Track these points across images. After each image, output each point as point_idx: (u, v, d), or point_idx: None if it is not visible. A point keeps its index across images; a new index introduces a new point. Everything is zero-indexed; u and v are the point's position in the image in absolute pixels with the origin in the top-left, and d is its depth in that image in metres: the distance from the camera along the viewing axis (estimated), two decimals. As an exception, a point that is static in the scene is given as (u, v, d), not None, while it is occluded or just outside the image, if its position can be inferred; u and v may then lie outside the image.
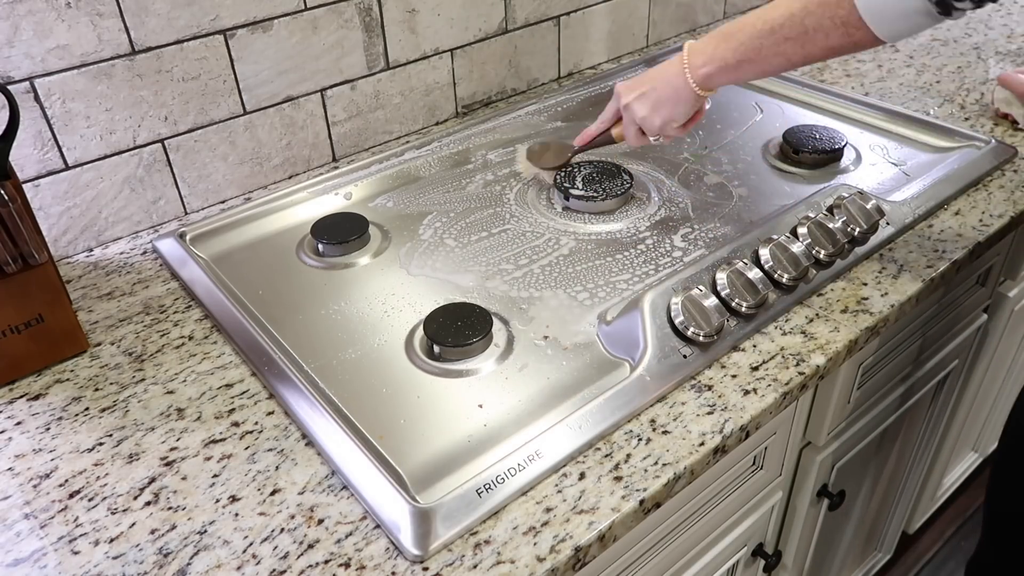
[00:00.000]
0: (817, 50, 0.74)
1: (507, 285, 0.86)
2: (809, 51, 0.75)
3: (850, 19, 0.70)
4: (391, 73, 1.10)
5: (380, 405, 0.72)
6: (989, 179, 0.99)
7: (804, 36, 0.74)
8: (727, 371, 0.73)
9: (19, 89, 0.82)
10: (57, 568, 0.58)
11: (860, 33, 0.70)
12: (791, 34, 0.74)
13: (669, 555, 0.78)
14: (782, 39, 0.75)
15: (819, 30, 0.72)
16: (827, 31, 0.72)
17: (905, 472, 1.26)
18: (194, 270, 0.87)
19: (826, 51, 0.74)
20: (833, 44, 0.73)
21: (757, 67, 0.79)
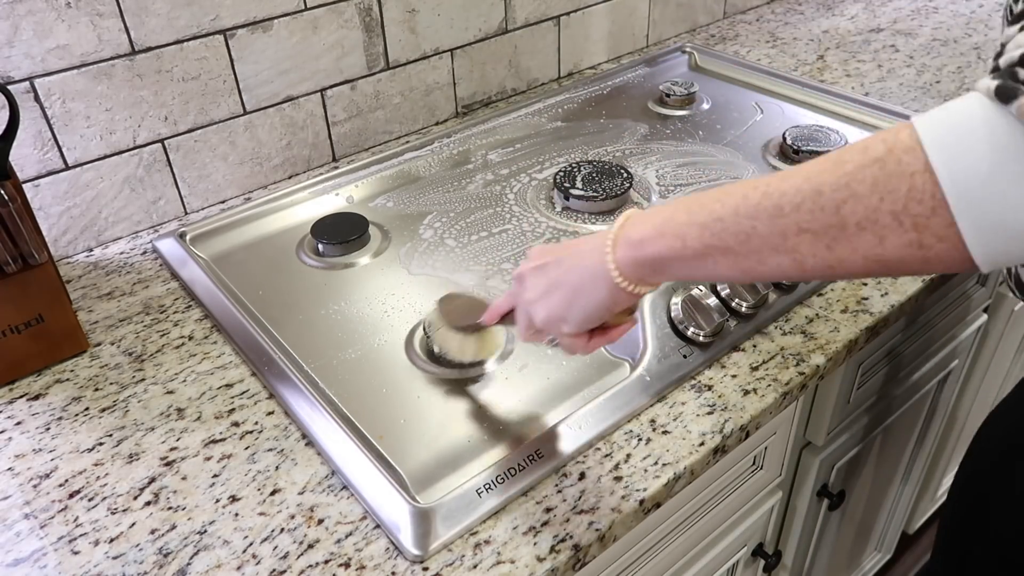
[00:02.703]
0: (856, 259, 0.43)
1: (507, 285, 0.86)
2: (842, 258, 0.44)
3: (932, 222, 0.40)
4: (391, 73, 1.10)
5: (380, 405, 0.72)
6: (989, 179, 0.99)
7: (839, 232, 0.43)
8: (727, 371, 0.73)
9: (19, 89, 0.82)
10: (57, 568, 0.58)
11: (943, 247, 0.40)
12: (814, 224, 0.44)
13: (669, 555, 0.78)
14: (795, 229, 0.44)
15: (870, 228, 0.42)
16: (884, 232, 0.42)
17: (905, 472, 1.26)
18: (194, 270, 0.87)
19: (873, 264, 0.43)
20: (889, 255, 0.42)
21: (738, 265, 0.48)
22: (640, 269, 0.52)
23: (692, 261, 0.50)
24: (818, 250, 0.44)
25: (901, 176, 0.40)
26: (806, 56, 1.35)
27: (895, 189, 0.41)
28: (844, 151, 0.44)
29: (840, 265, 0.44)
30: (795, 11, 1.55)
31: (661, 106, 1.22)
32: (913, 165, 0.40)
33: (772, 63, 1.33)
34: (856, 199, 0.42)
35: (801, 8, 1.57)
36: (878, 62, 1.32)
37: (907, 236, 0.41)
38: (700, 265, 0.49)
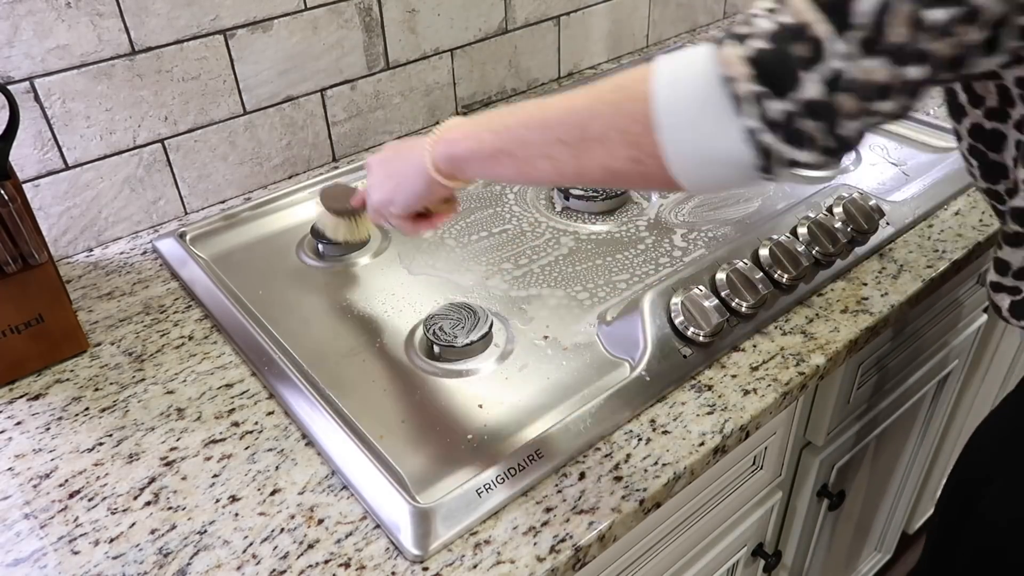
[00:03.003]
0: (594, 168, 0.53)
1: (507, 285, 0.86)
2: (584, 165, 0.53)
3: (643, 141, 0.49)
4: (391, 73, 1.10)
5: (380, 405, 0.72)
6: (989, 179, 1.00)
7: (582, 144, 0.52)
8: (727, 371, 0.73)
9: (19, 89, 0.82)
10: (57, 568, 0.58)
11: (653, 164, 0.49)
12: (567, 136, 0.53)
13: (669, 555, 0.78)
14: (555, 139, 0.54)
15: (603, 142, 0.51)
16: (612, 147, 0.51)
17: (905, 472, 1.26)
18: (194, 270, 0.87)
19: (606, 173, 0.53)
20: (617, 167, 0.51)
21: (517, 167, 0.58)
22: (449, 164, 0.63)
23: (486, 160, 0.60)
24: (569, 158, 0.54)
25: (629, 101, 0.49)
26: (806, 56, 1.35)
27: (623, 111, 0.50)
28: (604, 80, 0.53)
29: (585, 171, 0.54)
30: (795, 11, 1.55)
31: (661, 106, 1.22)
32: (640, 93, 0.48)
33: (772, 63, 1.32)
34: (597, 117, 0.52)
35: (801, 8, 1.56)
36: (878, 62, 1.31)
37: (629, 151, 0.50)
38: (491, 164, 0.60)
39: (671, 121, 0.47)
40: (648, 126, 0.48)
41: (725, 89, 0.45)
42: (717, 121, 0.45)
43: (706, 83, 0.45)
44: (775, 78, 0.43)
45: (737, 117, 0.45)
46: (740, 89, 0.44)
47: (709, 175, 0.49)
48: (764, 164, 0.46)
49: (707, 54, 0.46)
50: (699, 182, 0.50)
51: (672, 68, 0.48)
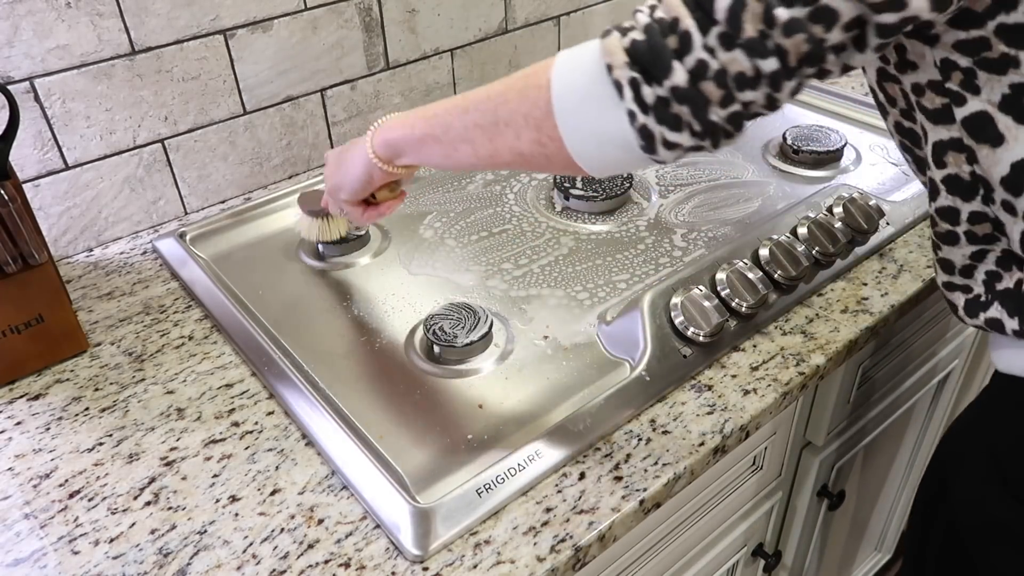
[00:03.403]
0: (505, 150, 0.58)
1: (507, 285, 0.86)
2: (497, 148, 0.58)
3: (544, 124, 0.54)
4: (391, 73, 1.10)
5: (380, 405, 0.72)
6: (989, 179, 0.99)
7: (494, 128, 0.57)
8: (727, 371, 0.73)
9: (19, 89, 0.82)
10: (57, 568, 0.58)
11: (553, 146, 0.54)
12: (482, 120, 0.58)
13: (669, 555, 0.78)
14: (472, 124, 0.59)
15: (511, 125, 0.56)
16: (518, 130, 0.56)
17: (905, 472, 1.26)
18: (194, 270, 0.87)
19: (516, 156, 0.57)
20: (524, 149, 0.56)
21: (443, 151, 0.63)
22: (386, 149, 0.68)
23: (416, 144, 0.65)
24: (485, 141, 0.59)
25: (533, 88, 0.54)
26: (806, 56, 1.35)
27: (527, 97, 0.55)
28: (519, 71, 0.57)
29: (498, 154, 0.59)
30: (795, 11, 1.55)
31: (661, 106, 1.22)
32: (542, 80, 0.53)
33: (772, 63, 1.32)
34: (506, 103, 0.57)
35: (801, 8, 1.56)
36: (878, 62, 1.32)
37: (533, 134, 0.55)
38: (421, 148, 0.65)
39: (565, 105, 0.52)
40: (548, 110, 0.53)
41: (608, 76, 0.50)
42: (603, 105, 0.50)
43: (593, 70, 0.51)
44: (649, 66, 0.48)
45: (620, 101, 0.49)
46: (618, 75, 0.49)
47: (604, 155, 0.53)
48: (647, 145, 0.50)
49: (595, 44, 0.51)
50: (598, 162, 0.54)
51: (568, 57, 0.53)
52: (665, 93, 0.48)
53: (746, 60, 0.46)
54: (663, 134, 0.50)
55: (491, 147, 0.59)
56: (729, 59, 0.46)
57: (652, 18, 0.49)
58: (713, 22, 0.46)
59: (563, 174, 0.61)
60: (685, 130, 0.49)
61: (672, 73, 0.48)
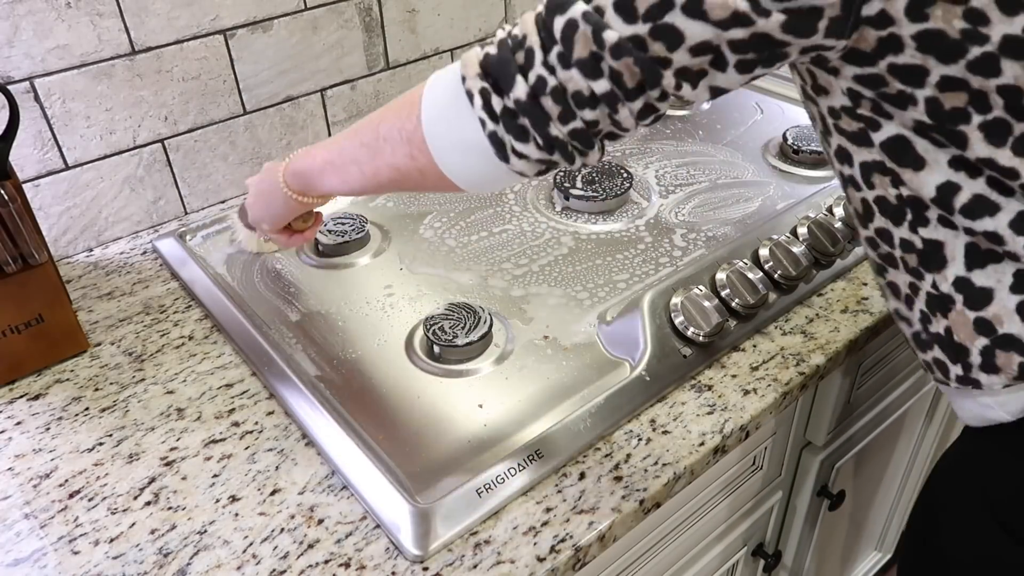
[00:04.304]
0: (384, 167, 0.59)
1: (507, 284, 0.86)
2: (378, 166, 0.59)
3: (415, 137, 0.55)
4: (391, 73, 1.10)
5: (380, 405, 0.72)
6: (989, 179, 0.99)
7: (375, 144, 0.59)
8: (727, 371, 0.73)
9: (19, 89, 0.82)
10: (57, 568, 0.58)
11: (424, 159, 0.55)
12: (366, 139, 0.60)
13: (669, 555, 0.78)
14: (359, 144, 0.61)
15: (388, 141, 0.58)
16: (394, 145, 0.57)
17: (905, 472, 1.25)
18: (194, 270, 0.87)
19: (394, 172, 0.58)
20: (399, 163, 0.57)
21: (338, 175, 0.64)
22: (295, 180, 0.69)
23: (318, 173, 0.66)
24: (368, 159, 0.60)
25: (407, 104, 0.56)
26: (806, 56, 1.35)
27: (403, 112, 0.56)
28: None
29: (379, 173, 0.60)
30: (795, 11, 1.55)
31: (661, 106, 1.22)
32: (416, 95, 0.55)
33: (772, 63, 1.32)
34: (385, 120, 0.58)
35: (801, 8, 1.56)
36: (878, 62, 1.31)
37: (405, 148, 0.56)
38: (322, 176, 0.66)
39: (430, 115, 0.54)
40: (417, 123, 0.55)
41: (462, 85, 0.52)
42: (460, 113, 0.53)
43: (453, 81, 0.53)
44: (496, 78, 0.51)
45: (472, 109, 0.52)
46: (470, 85, 0.52)
47: (468, 164, 0.54)
48: (499, 152, 0.53)
49: (462, 60, 0.54)
50: (463, 172, 0.55)
51: (439, 73, 0.55)
52: (511, 105, 0.51)
53: (581, 80, 0.48)
54: (512, 144, 0.52)
55: (373, 165, 0.60)
56: (567, 77, 0.49)
57: (508, 34, 0.52)
58: (553, 41, 0.49)
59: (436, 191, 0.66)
60: (531, 142, 0.51)
61: (515, 87, 0.50)
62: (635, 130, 0.53)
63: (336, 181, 0.65)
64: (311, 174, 0.67)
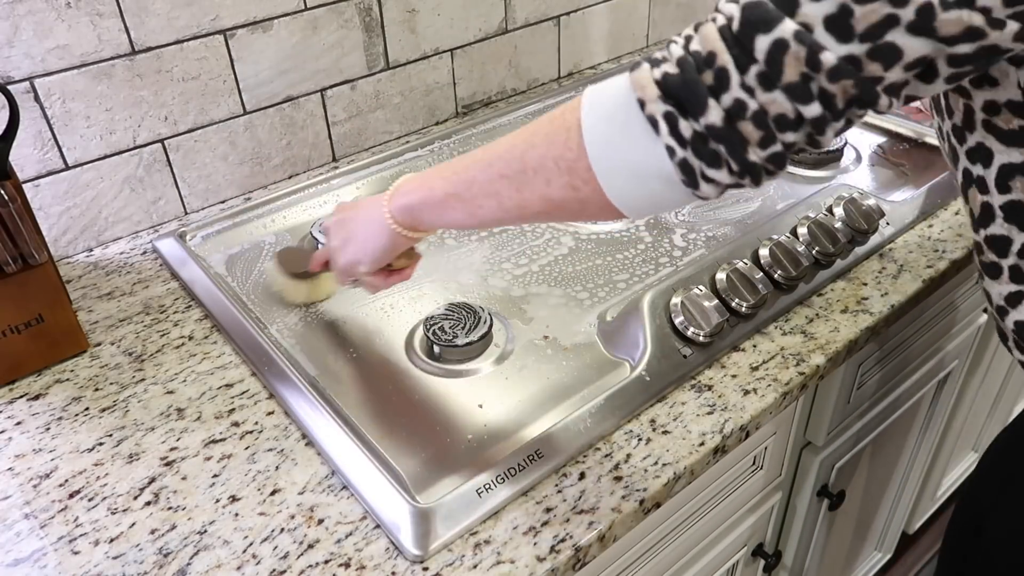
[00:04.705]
0: (535, 199, 0.54)
1: (507, 285, 0.86)
2: (526, 198, 0.54)
3: (577, 166, 0.50)
4: (391, 73, 1.10)
5: (380, 405, 0.72)
6: (989, 179, 0.99)
7: (522, 176, 0.54)
8: (727, 371, 0.73)
9: (19, 89, 0.82)
10: (57, 568, 0.58)
11: (588, 189, 0.51)
12: (508, 171, 0.55)
13: (669, 555, 0.78)
14: (497, 175, 0.56)
15: (540, 172, 0.53)
16: (549, 175, 0.52)
17: (905, 472, 1.26)
18: (194, 270, 0.87)
19: (547, 204, 0.54)
20: (555, 195, 0.53)
21: (466, 208, 0.59)
22: (406, 215, 0.64)
23: (437, 206, 0.61)
24: (511, 192, 0.55)
25: (561, 130, 0.51)
26: (806, 56, 1.35)
27: (557, 140, 0.51)
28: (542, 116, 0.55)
29: (527, 204, 0.55)
30: (795, 11, 1.55)
31: (661, 106, 1.22)
32: (571, 120, 0.50)
33: (772, 63, 1.32)
34: (533, 148, 0.53)
35: (801, 8, 1.56)
36: (878, 62, 1.31)
37: (564, 178, 0.51)
38: (443, 209, 0.61)
39: (596, 141, 0.49)
40: (580, 152, 0.50)
41: (641, 111, 0.47)
42: (639, 141, 0.47)
43: (624, 105, 0.48)
44: (682, 100, 0.46)
45: (657, 136, 0.47)
46: (652, 110, 0.47)
47: (644, 194, 0.50)
48: (688, 179, 0.48)
49: (623, 79, 0.49)
50: (636, 202, 0.50)
51: (597, 95, 0.50)
52: (702, 130, 0.46)
53: (787, 103, 0.44)
54: (702, 169, 0.47)
55: (519, 198, 0.55)
56: (768, 100, 0.44)
57: (687, 51, 0.46)
58: (752, 60, 0.44)
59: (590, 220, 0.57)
60: (724, 167, 0.47)
61: (708, 111, 0.45)
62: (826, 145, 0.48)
63: (461, 215, 0.60)
64: (428, 208, 0.62)
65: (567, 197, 0.52)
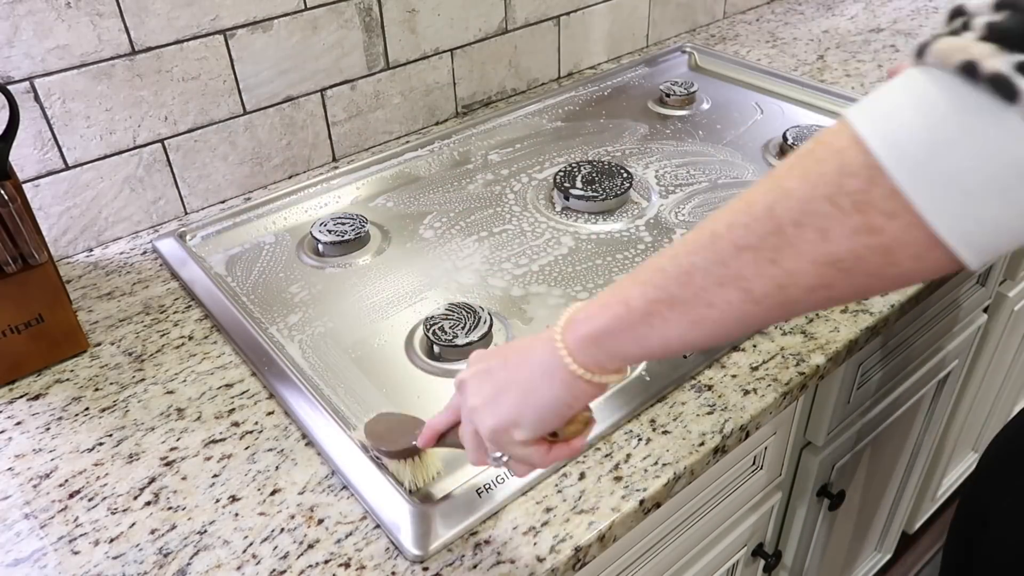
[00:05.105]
0: (805, 266, 0.37)
1: (507, 284, 0.86)
2: (790, 270, 0.37)
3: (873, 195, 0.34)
4: (391, 73, 1.10)
5: (380, 405, 0.72)
6: (989, 179, 0.99)
7: (776, 239, 0.37)
8: (727, 371, 0.73)
9: (19, 89, 0.82)
10: (57, 568, 0.58)
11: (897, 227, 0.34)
12: (750, 239, 0.38)
13: (669, 555, 0.78)
14: (731, 251, 0.39)
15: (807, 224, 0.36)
16: (824, 224, 0.36)
17: (905, 472, 1.25)
18: (194, 270, 0.87)
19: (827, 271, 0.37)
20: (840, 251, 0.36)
21: (688, 315, 0.41)
22: (592, 349, 0.46)
23: (639, 326, 0.43)
24: (763, 268, 0.38)
25: (830, 157, 0.36)
26: (806, 56, 1.35)
27: (825, 172, 0.36)
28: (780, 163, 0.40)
29: (792, 281, 0.38)
30: (795, 11, 1.55)
31: (661, 106, 1.22)
32: (841, 142, 0.35)
33: (772, 63, 1.33)
34: (787, 196, 0.37)
35: (801, 8, 1.57)
36: (878, 62, 1.32)
37: (851, 220, 0.35)
38: (649, 328, 0.43)
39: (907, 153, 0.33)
40: (873, 172, 0.34)
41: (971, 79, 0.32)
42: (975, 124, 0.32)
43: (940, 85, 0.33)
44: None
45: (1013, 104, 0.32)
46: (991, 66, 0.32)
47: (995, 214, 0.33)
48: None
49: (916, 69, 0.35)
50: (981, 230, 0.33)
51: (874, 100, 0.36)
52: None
53: None
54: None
55: (778, 273, 0.38)
56: None
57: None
58: None
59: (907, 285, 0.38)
60: None
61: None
62: None
63: (681, 328, 0.42)
64: (624, 332, 0.44)
65: (859, 248, 0.35)
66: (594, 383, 0.47)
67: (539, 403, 0.48)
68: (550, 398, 0.48)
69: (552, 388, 0.47)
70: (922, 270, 0.35)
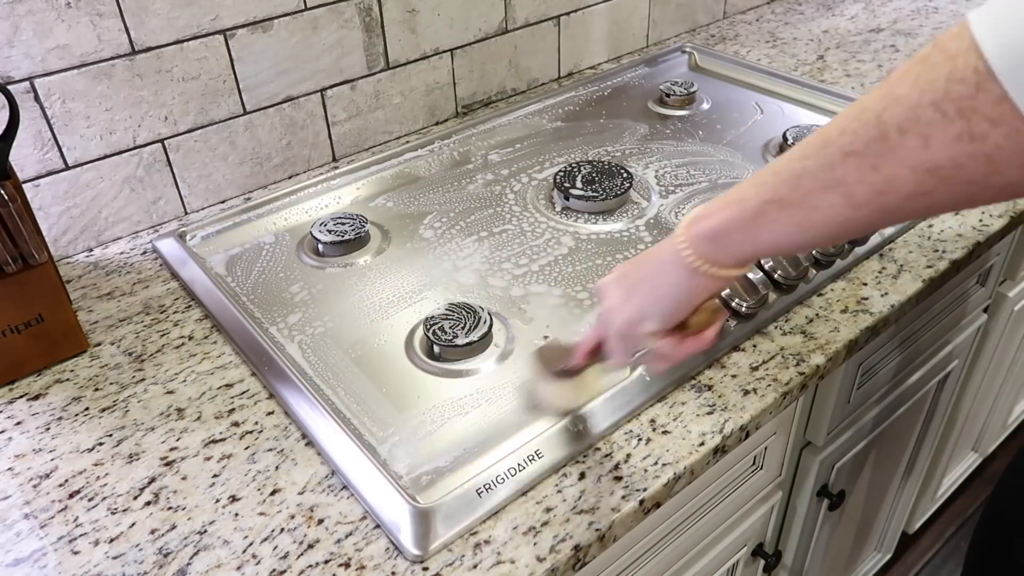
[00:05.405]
0: (905, 174, 0.38)
1: (507, 284, 0.86)
2: (888, 177, 0.39)
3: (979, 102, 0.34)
4: (391, 73, 1.10)
5: (380, 405, 0.72)
6: (989, 179, 0.99)
7: (880, 145, 0.38)
8: (727, 371, 0.73)
9: (19, 89, 0.82)
10: (57, 568, 0.58)
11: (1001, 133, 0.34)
12: (856, 144, 0.39)
13: (669, 555, 0.78)
14: (838, 156, 0.40)
15: (911, 130, 0.37)
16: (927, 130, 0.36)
17: (905, 472, 1.25)
18: (194, 270, 0.87)
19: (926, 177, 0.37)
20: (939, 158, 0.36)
21: (795, 216, 0.44)
22: (709, 244, 0.49)
23: (751, 225, 0.46)
24: (864, 173, 0.39)
25: (943, 63, 0.35)
26: (806, 56, 1.35)
27: (935, 78, 0.35)
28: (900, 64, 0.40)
29: (890, 188, 0.38)
30: (795, 11, 1.55)
31: (661, 106, 1.22)
32: (958, 47, 0.35)
33: (772, 63, 1.33)
34: (896, 101, 0.37)
35: (801, 8, 1.57)
36: (878, 62, 1.32)
37: (954, 127, 0.35)
38: (759, 228, 0.46)
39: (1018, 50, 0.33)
40: (983, 77, 0.33)
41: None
42: None
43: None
44: None
45: None
46: None
47: None
48: None
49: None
50: None
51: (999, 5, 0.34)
52: None
53: None
54: None
55: (877, 178, 0.39)
56: None
57: None
58: None
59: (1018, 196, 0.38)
60: None
61: None
62: None
63: (787, 227, 0.45)
64: (740, 228, 0.47)
65: (960, 156, 0.35)
66: (714, 275, 0.50)
67: (663, 295, 0.52)
68: (673, 291, 0.52)
69: (674, 281, 0.51)
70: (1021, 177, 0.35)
